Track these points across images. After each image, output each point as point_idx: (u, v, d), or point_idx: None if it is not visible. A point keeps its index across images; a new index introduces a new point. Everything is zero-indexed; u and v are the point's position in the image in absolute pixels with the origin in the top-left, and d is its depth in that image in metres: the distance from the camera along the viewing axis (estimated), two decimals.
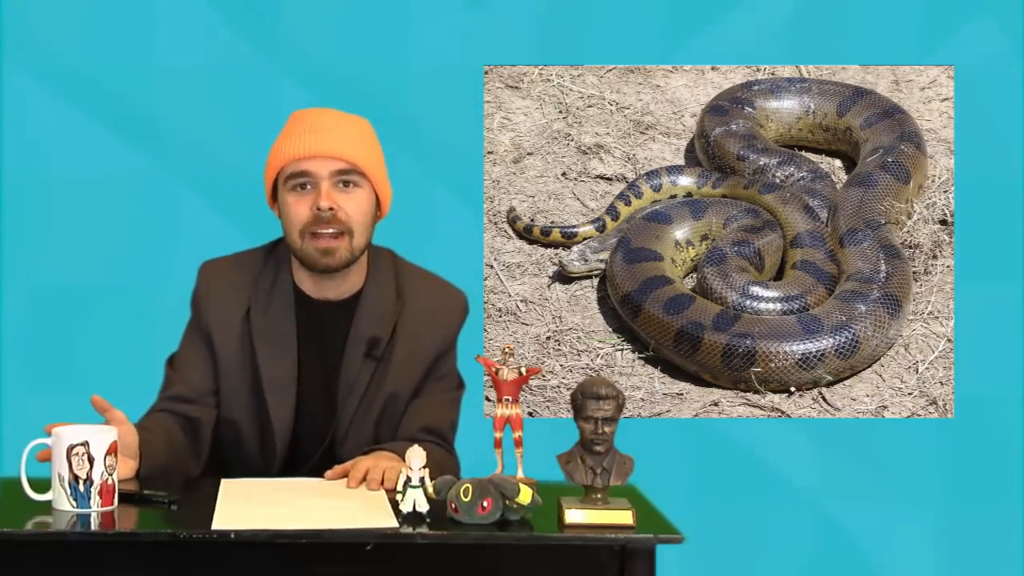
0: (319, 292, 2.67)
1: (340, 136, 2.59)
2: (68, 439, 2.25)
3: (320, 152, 2.57)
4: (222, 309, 2.66)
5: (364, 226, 2.62)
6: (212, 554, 2.17)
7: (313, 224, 2.58)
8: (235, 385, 2.64)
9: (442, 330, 2.72)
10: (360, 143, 2.62)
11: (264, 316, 2.65)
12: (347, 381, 2.64)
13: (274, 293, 2.66)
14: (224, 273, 2.70)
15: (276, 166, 2.62)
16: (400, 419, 2.67)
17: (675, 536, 2.20)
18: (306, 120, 2.62)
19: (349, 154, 2.59)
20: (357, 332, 2.65)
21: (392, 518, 2.23)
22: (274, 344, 2.64)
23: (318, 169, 2.58)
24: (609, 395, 2.22)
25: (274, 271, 2.68)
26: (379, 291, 2.68)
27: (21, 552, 2.17)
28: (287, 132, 2.63)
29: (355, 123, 2.66)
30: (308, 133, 2.58)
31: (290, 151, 2.58)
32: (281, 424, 2.63)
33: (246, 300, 2.66)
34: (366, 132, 2.66)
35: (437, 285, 2.76)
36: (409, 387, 2.68)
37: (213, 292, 2.68)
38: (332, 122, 2.61)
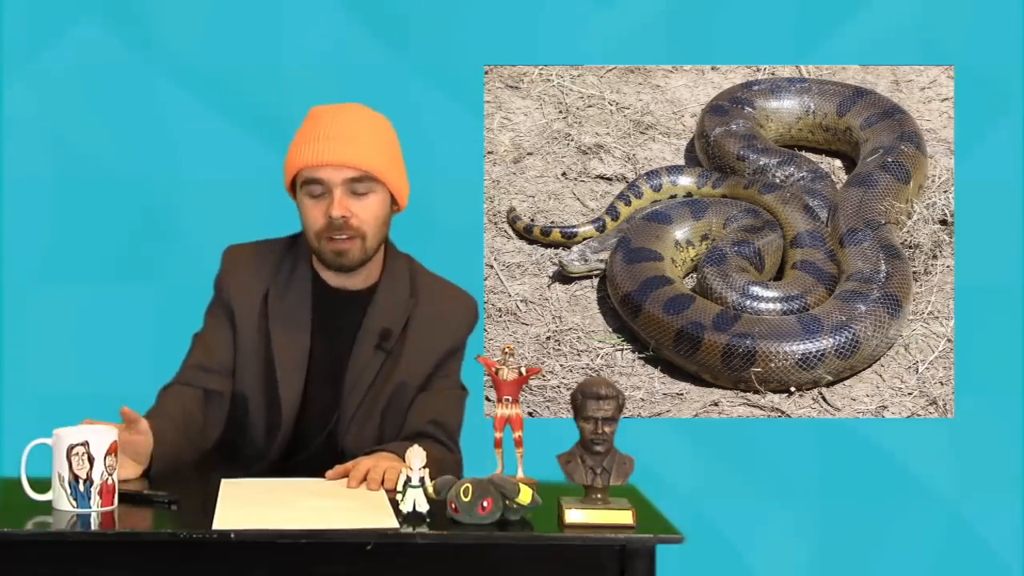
0: (337, 281, 2.72)
1: (354, 143, 2.62)
2: (68, 439, 2.26)
3: (333, 161, 2.60)
4: (244, 289, 2.72)
5: (378, 227, 2.67)
6: (212, 554, 2.17)
7: (327, 230, 2.63)
8: (248, 362, 2.69)
9: (452, 331, 2.76)
10: (374, 148, 2.64)
11: (282, 301, 2.71)
12: (356, 370, 2.68)
13: (293, 280, 2.72)
14: (247, 257, 2.76)
15: (292, 169, 2.66)
16: (404, 412, 2.70)
17: (675, 536, 2.20)
18: (321, 123, 2.64)
19: (362, 162, 2.62)
20: (370, 323, 2.70)
21: (392, 518, 2.23)
22: (289, 327, 2.69)
23: (331, 177, 2.62)
24: (609, 395, 2.22)
25: (293, 260, 2.74)
26: (394, 286, 2.74)
27: (21, 552, 2.17)
28: (303, 135, 2.66)
29: (371, 125, 2.68)
30: (322, 139, 2.61)
31: (304, 158, 2.62)
32: (288, 404, 2.67)
33: (266, 284, 2.72)
34: (383, 133, 2.69)
35: (450, 290, 2.81)
36: (416, 383, 2.71)
37: (236, 273, 2.74)
38: (347, 127, 2.63)
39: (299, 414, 2.69)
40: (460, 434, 2.76)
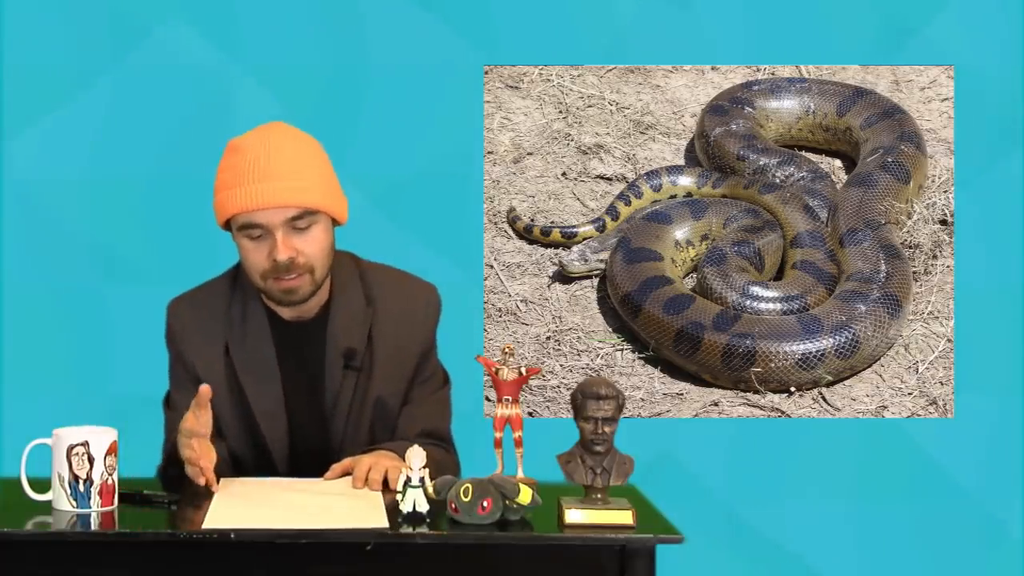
0: (290, 313, 2.64)
1: (290, 181, 2.50)
2: (68, 439, 2.26)
3: (270, 204, 2.49)
4: (202, 349, 2.63)
5: (325, 257, 2.57)
6: (212, 554, 2.17)
7: (272, 272, 2.53)
8: (227, 418, 2.61)
9: (419, 329, 2.69)
10: (310, 181, 2.52)
11: (243, 348, 2.63)
12: (332, 395, 2.63)
13: (248, 322, 2.63)
14: (195, 310, 2.66)
15: (226, 214, 2.54)
16: (394, 425, 2.66)
17: (675, 536, 2.20)
18: (249, 161, 2.50)
19: (301, 200, 2.50)
20: (332, 345, 2.62)
21: (384, 518, 2.22)
22: (258, 373, 2.62)
23: (270, 219, 2.50)
24: (609, 395, 2.22)
25: (242, 300, 2.65)
26: (347, 301, 2.65)
27: (21, 552, 2.17)
28: (233, 176, 2.51)
29: (301, 155, 2.54)
30: (256, 182, 2.49)
31: (239, 203, 2.50)
32: (278, 449, 2.63)
33: (222, 335, 2.63)
34: (314, 159, 2.56)
35: (406, 283, 2.72)
36: (396, 392, 2.66)
37: (189, 331, 2.65)
38: (278, 164, 2.50)
39: (291, 455, 2.64)
40: (451, 432, 2.73)
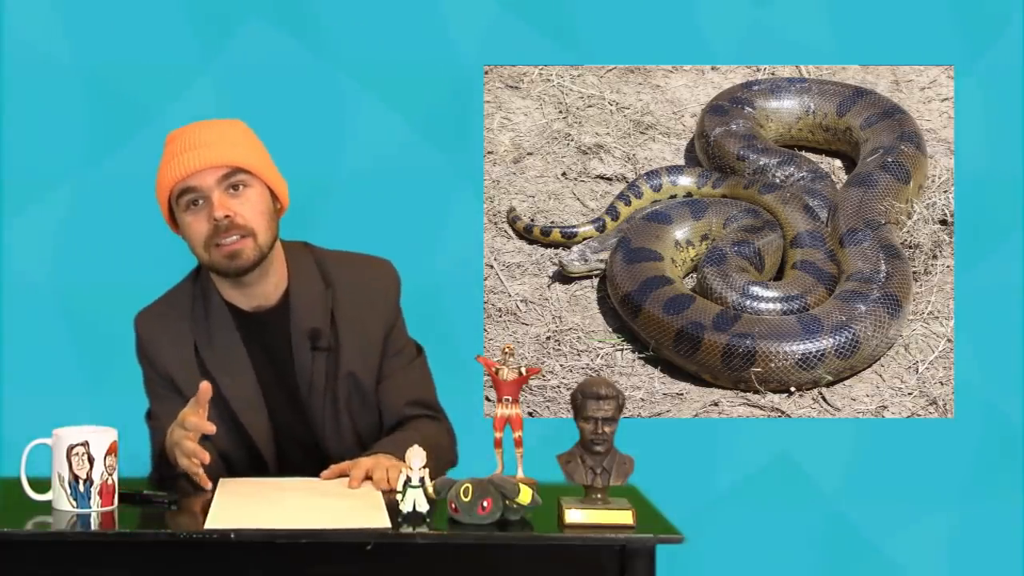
0: (250, 303, 2.68)
1: (218, 145, 2.60)
2: (68, 439, 2.26)
3: (202, 165, 2.58)
4: (172, 354, 2.67)
5: (265, 223, 2.62)
6: (211, 554, 2.17)
7: (214, 235, 2.59)
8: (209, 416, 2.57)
9: (380, 304, 2.72)
10: (239, 144, 2.62)
11: (210, 346, 2.67)
12: (304, 379, 2.66)
13: (211, 319, 2.67)
14: (161, 319, 2.71)
15: (165, 190, 2.63)
16: (372, 401, 2.69)
17: (675, 536, 2.20)
18: (182, 139, 2.62)
19: (230, 158, 2.59)
20: (297, 330, 2.66)
21: (385, 518, 2.23)
22: (229, 367, 2.66)
23: (203, 181, 2.58)
24: (609, 395, 2.22)
25: (203, 297, 2.69)
26: (305, 283, 2.69)
27: (21, 552, 2.17)
28: (167, 155, 2.63)
29: (230, 127, 2.66)
30: (186, 151, 2.59)
31: (174, 172, 2.59)
32: (264, 442, 2.66)
33: (189, 336, 2.68)
34: (243, 132, 2.67)
35: (361, 262, 2.77)
36: (368, 367, 2.69)
37: (157, 342, 2.69)
38: (206, 134, 2.61)
39: (277, 446, 2.67)
40: (436, 396, 2.76)
